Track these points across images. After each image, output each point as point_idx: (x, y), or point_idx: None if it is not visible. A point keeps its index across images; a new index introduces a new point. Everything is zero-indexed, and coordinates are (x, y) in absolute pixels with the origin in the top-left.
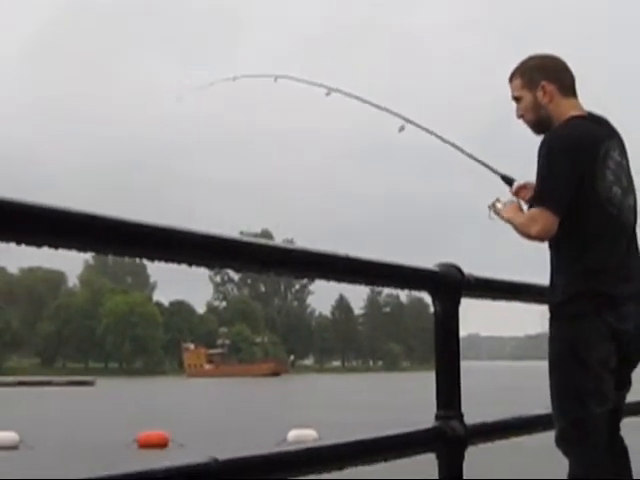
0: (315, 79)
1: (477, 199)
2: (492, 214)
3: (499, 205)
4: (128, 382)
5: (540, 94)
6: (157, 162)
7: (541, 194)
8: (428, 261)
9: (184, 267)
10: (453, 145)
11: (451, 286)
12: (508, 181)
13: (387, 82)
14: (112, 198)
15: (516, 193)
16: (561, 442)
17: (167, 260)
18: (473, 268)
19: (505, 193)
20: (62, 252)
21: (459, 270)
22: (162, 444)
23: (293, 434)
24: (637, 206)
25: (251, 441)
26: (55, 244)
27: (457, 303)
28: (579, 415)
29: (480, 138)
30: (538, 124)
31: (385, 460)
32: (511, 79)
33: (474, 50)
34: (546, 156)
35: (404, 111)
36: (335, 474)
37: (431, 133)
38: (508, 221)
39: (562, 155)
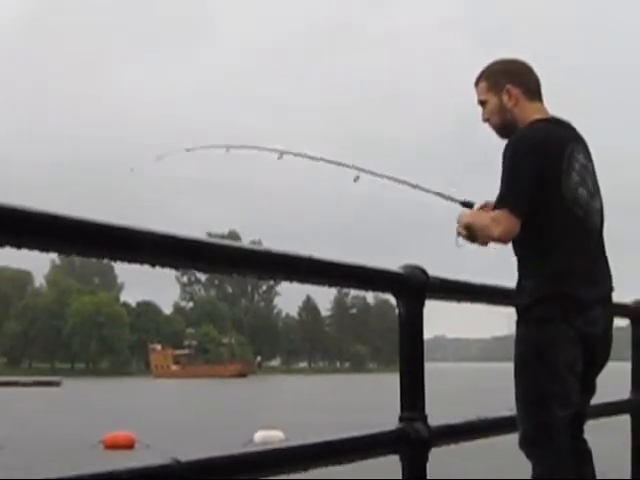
0: (293, 79)
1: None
2: (460, 240)
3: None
4: (95, 382)
5: (505, 97)
6: (130, 163)
7: (503, 196)
8: (394, 264)
9: (151, 268)
10: (409, 184)
11: (415, 288)
12: (469, 205)
13: (363, 80)
14: (82, 198)
15: None
16: (524, 444)
17: (130, 261)
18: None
19: None
20: (28, 252)
21: (423, 272)
22: (128, 445)
23: (260, 435)
24: (603, 209)
25: (218, 442)
26: (17, 244)
27: (421, 305)
28: (543, 418)
29: (455, 135)
30: (503, 128)
31: (349, 461)
32: (477, 83)
33: (450, 51)
34: (510, 158)
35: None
36: (299, 475)
37: (387, 178)
38: (469, 224)
39: (526, 157)
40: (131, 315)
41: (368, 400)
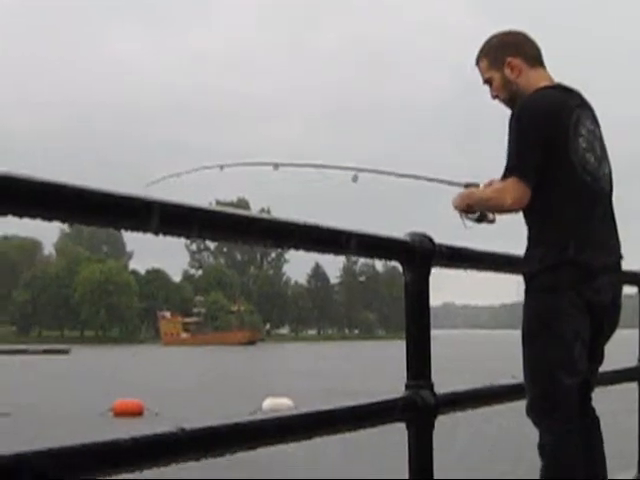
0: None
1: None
2: (466, 221)
3: (453, 203)
4: (104, 350)
5: (508, 70)
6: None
7: (511, 164)
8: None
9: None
10: (411, 176)
11: (422, 256)
12: (474, 186)
13: (358, 44)
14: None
15: None
16: (531, 412)
17: (135, 229)
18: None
19: None
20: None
21: (430, 240)
22: (137, 412)
23: (268, 403)
24: (612, 175)
25: (226, 409)
26: (19, 213)
27: (428, 273)
28: (549, 386)
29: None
30: (512, 100)
31: (355, 429)
32: (477, 62)
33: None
34: (515, 127)
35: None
36: (304, 443)
37: (387, 174)
38: (477, 202)
39: (530, 124)
40: (140, 283)
41: (376, 367)
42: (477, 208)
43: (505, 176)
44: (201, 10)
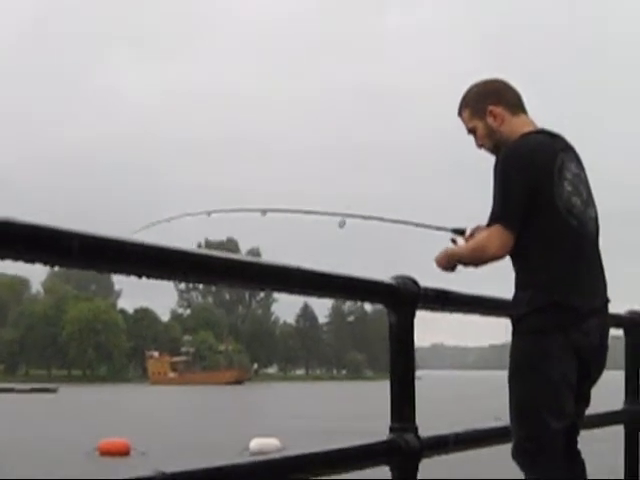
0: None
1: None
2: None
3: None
4: (91, 389)
5: (490, 119)
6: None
7: (495, 212)
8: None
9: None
10: (398, 222)
11: (407, 298)
12: (460, 232)
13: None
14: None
15: (470, 238)
16: (517, 455)
17: (121, 272)
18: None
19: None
20: None
21: (415, 282)
22: (124, 452)
23: (255, 443)
24: (598, 218)
25: (214, 450)
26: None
27: (412, 316)
28: (536, 429)
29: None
30: (497, 148)
31: (340, 472)
32: (460, 113)
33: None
34: (499, 174)
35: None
36: None
37: (374, 219)
38: (460, 259)
39: (515, 171)
40: (128, 322)
41: (364, 408)
42: (462, 264)
43: (489, 224)
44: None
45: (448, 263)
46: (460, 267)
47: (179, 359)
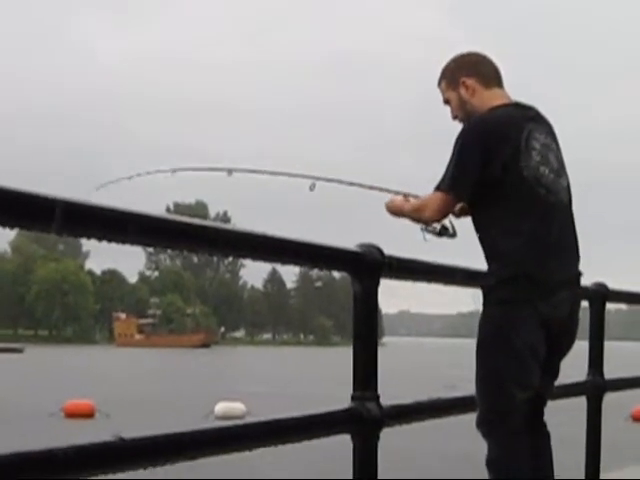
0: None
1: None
2: (426, 234)
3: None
4: (58, 350)
5: (463, 90)
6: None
7: (441, 179)
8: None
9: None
10: (365, 186)
11: (371, 267)
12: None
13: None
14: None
15: None
16: (481, 424)
17: (89, 237)
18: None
19: None
20: None
21: (380, 251)
22: (88, 414)
23: (221, 406)
24: (570, 187)
25: (178, 412)
26: None
27: (376, 284)
28: (501, 400)
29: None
30: (468, 120)
31: (300, 441)
32: (439, 84)
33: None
34: (457, 145)
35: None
36: (245, 454)
37: (343, 183)
38: (400, 211)
39: (471, 141)
40: (96, 283)
41: (329, 373)
42: (406, 217)
43: (435, 188)
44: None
45: (393, 212)
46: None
47: (146, 321)
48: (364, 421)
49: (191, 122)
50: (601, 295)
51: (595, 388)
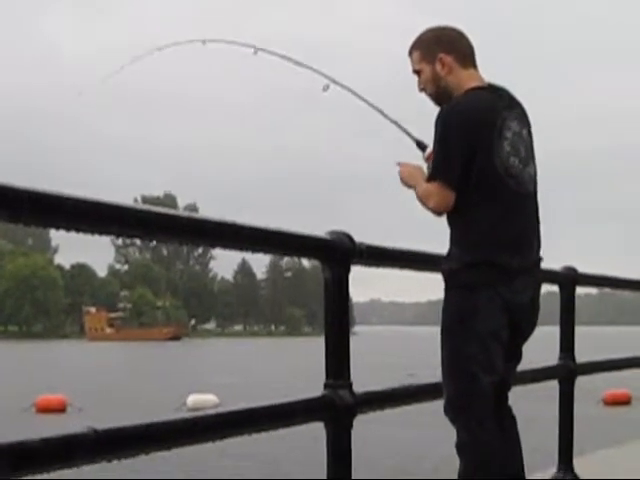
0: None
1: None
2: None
3: (402, 169)
4: (28, 345)
5: (439, 66)
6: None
7: (435, 168)
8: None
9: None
10: (376, 108)
11: (341, 254)
12: (421, 146)
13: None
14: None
15: (428, 159)
16: (449, 410)
17: (58, 227)
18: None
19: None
20: None
21: (350, 238)
22: (60, 408)
23: (192, 399)
24: (536, 176)
25: (150, 406)
26: None
27: (347, 271)
28: (466, 384)
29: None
30: (438, 96)
31: (274, 428)
32: (410, 53)
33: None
34: (441, 130)
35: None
36: (219, 442)
37: (355, 94)
38: (411, 186)
39: (456, 128)
40: (65, 277)
41: (301, 364)
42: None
43: (430, 178)
44: None
45: (405, 183)
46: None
47: (116, 315)
48: (337, 408)
49: (157, 116)
50: (571, 279)
51: (567, 372)
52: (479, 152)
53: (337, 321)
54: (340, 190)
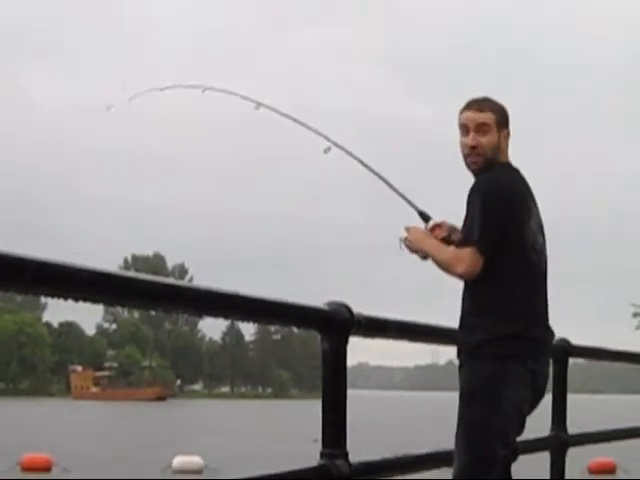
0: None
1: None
2: (402, 246)
3: (408, 235)
4: (14, 403)
5: (503, 138)
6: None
7: (472, 234)
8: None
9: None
10: (379, 176)
11: (340, 325)
12: (425, 218)
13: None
14: None
15: (431, 230)
16: (462, 476)
17: (53, 296)
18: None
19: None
20: None
21: (348, 309)
22: (46, 467)
23: (178, 460)
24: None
25: (136, 467)
26: None
27: (345, 342)
28: (483, 454)
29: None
30: (488, 163)
31: None
32: (482, 109)
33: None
34: (483, 199)
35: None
36: None
37: (358, 160)
38: (428, 252)
39: (498, 202)
40: (53, 335)
41: (289, 428)
42: (429, 258)
43: (463, 244)
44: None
45: (416, 247)
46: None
47: (102, 374)
48: (334, 478)
49: (130, 173)
50: (564, 351)
51: (558, 443)
52: (514, 227)
53: (335, 391)
54: (328, 256)
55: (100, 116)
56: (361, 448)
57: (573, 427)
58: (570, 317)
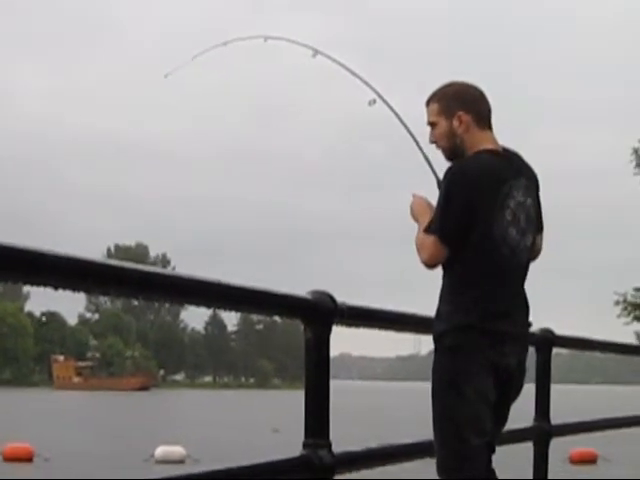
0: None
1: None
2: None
3: (415, 200)
4: None
5: (456, 123)
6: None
7: (434, 224)
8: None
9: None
10: (413, 137)
11: (323, 314)
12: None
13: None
14: None
15: None
16: (442, 471)
17: (32, 284)
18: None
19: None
20: None
21: (331, 298)
22: (27, 458)
23: (161, 450)
24: (534, 244)
25: (118, 457)
26: None
27: (329, 331)
28: (457, 446)
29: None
30: (451, 152)
31: None
32: (428, 103)
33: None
34: (446, 187)
35: None
36: None
37: (397, 116)
38: (416, 220)
39: (461, 189)
40: (35, 325)
41: (270, 418)
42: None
43: (427, 230)
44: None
45: (413, 217)
46: None
47: (84, 364)
48: (316, 469)
49: (118, 164)
50: (548, 341)
51: (542, 434)
52: (479, 217)
53: (317, 381)
54: (309, 244)
55: (84, 103)
56: (345, 438)
57: (556, 418)
58: (554, 307)
